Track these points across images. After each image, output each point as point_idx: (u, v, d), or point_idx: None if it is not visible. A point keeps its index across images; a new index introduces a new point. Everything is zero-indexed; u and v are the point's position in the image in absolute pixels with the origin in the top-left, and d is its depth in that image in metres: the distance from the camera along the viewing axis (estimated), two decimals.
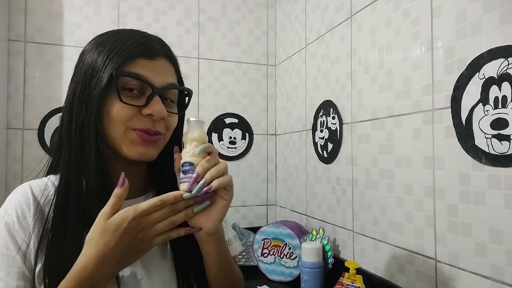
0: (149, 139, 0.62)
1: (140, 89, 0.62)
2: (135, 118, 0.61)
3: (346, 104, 1.23)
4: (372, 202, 1.09)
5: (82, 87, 0.61)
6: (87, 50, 0.65)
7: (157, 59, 0.65)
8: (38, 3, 1.49)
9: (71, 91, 0.64)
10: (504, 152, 0.71)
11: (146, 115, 0.61)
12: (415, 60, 0.94)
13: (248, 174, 1.78)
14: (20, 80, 1.45)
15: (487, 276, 0.75)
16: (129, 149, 0.62)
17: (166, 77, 0.65)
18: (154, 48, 0.65)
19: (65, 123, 0.64)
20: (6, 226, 0.60)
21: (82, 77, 0.62)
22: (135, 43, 0.62)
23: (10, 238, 0.60)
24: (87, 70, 0.62)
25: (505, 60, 0.71)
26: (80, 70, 0.63)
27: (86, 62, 0.63)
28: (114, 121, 0.60)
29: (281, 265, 1.36)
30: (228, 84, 1.77)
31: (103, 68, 0.60)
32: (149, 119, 0.62)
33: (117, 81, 0.59)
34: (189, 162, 0.59)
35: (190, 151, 0.60)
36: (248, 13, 1.82)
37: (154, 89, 0.62)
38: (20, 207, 0.62)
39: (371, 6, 1.11)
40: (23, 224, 0.61)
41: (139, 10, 1.63)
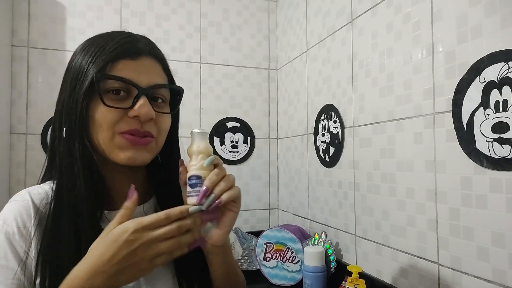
0: (138, 142, 0.59)
1: (126, 91, 0.60)
2: (121, 121, 0.59)
3: (347, 108, 1.23)
4: (374, 206, 1.09)
5: (69, 92, 0.60)
6: (74, 55, 0.64)
7: (141, 59, 0.62)
8: (41, 8, 1.50)
9: (59, 97, 0.63)
10: (506, 155, 0.71)
11: (133, 117, 0.58)
12: (416, 64, 0.94)
13: (250, 178, 1.79)
14: (24, 85, 1.46)
15: (489, 280, 0.74)
16: (117, 154, 0.59)
17: (152, 76, 0.62)
18: (137, 47, 0.62)
19: (55, 130, 0.63)
20: (6, 236, 0.58)
21: (69, 82, 0.61)
22: (117, 44, 0.61)
23: (10, 248, 0.57)
24: (72, 75, 0.60)
25: (505, 64, 0.71)
26: (67, 76, 0.62)
27: (72, 67, 0.62)
28: (100, 125, 0.58)
29: (283, 269, 1.36)
30: (230, 88, 1.77)
31: (86, 72, 0.58)
32: (137, 121, 0.59)
33: (98, 84, 0.57)
34: (196, 175, 0.58)
35: (196, 164, 0.59)
36: (250, 18, 1.83)
37: (140, 90, 0.59)
38: (20, 216, 0.59)
39: (372, 11, 1.11)
40: (24, 233, 0.59)
41: (141, 15, 1.64)
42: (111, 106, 0.58)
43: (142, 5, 1.65)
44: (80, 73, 0.59)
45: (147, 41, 0.67)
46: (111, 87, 0.59)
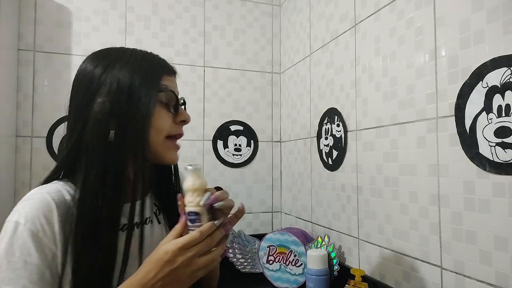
0: (178, 146, 0.73)
1: (167, 102, 0.70)
2: (172, 126, 0.70)
3: (350, 112, 1.24)
4: (377, 210, 1.10)
5: (118, 105, 0.65)
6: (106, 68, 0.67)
7: (173, 76, 0.75)
8: (48, 13, 1.52)
9: (101, 108, 0.65)
10: (508, 160, 0.71)
11: (179, 122, 0.71)
12: (419, 68, 0.95)
13: (253, 181, 1.79)
14: (29, 89, 1.48)
15: (492, 284, 0.75)
16: (168, 156, 0.71)
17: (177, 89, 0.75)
18: (170, 66, 0.75)
19: (91, 137, 0.65)
20: (30, 234, 0.60)
21: (117, 96, 0.65)
22: (159, 63, 0.73)
23: (34, 246, 0.59)
24: (121, 89, 0.66)
25: (508, 69, 0.72)
26: (109, 89, 0.66)
27: (115, 81, 0.66)
28: (160, 131, 0.68)
29: (286, 272, 1.36)
30: (233, 92, 1.78)
31: (143, 87, 0.66)
32: (180, 126, 0.72)
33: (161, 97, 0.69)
34: (194, 212, 0.62)
35: (193, 201, 0.62)
36: (254, 22, 1.84)
37: (183, 101, 0.73)
38: (43, 214, 0.61)
39: (375, 15, 1.12)
40: (48, 231, 0.61)
41: (146, 19, 1.66)
42: (173, 113, 0.70)
43: (147, 10, 1.66)
44: (133, 87, 0.66)
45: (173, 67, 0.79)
46: (167, 99, 0.70)
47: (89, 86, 0.67)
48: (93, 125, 0.65)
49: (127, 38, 1.62)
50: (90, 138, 0.65)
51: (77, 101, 0.68)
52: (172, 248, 0.58)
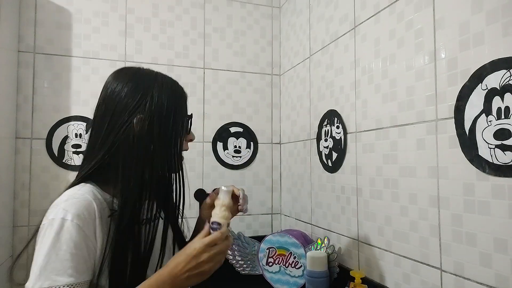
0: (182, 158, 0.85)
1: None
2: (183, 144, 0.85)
3: (350, 114, 1.24)
4: (376, 211, 1.10)
5: (156, 124, 0.76)
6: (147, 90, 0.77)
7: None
8: (48, 15, 1.52)
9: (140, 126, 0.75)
10: (508, 162, 0.71)
11: (189, 140, 0.87)
12: (418, 70, 0.95)
13: (253, 182, 1.79)
14: (29, 90, 1.48)
15: (492, 286, 0.75)
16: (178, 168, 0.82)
17: None
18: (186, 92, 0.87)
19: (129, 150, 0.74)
20: (77, 228, 0.67)
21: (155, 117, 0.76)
22: (183, 90, 0.85)
23: (80, 239, 0.68)
24: (157, 111, 0.76)
25: (507, 72, 0.72)
26: (148, 109, 0.75)
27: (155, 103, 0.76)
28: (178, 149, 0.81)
29: (286, 274, 1.36)
30: (233, 94, 1.78)
31: (176, 112, 0.79)
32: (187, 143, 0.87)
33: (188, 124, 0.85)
34: (217, 222, 0.76)
35: (219, 213, 0.77)
36: (253, 24, 1.84)
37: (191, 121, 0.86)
38: (88, 211, 0.70)
39: (375, 18, 1.12)
40: (91, 227, 0.70)
41: (146, 21, 1.66)
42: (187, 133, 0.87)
43: (147, 12, 1.67)
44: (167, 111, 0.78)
45: None
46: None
47: (127, 104, 0.75)
48: (130, 142, 0.74)
49: (127, 40, 1.62)
50: (126, 153, 0.74)
51: (111, 117, 0.75)
52: (199, 245, 0.71)
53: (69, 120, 1.52)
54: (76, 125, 1.53)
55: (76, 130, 1.53)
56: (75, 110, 1.53)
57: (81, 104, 1.54)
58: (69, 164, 1.50)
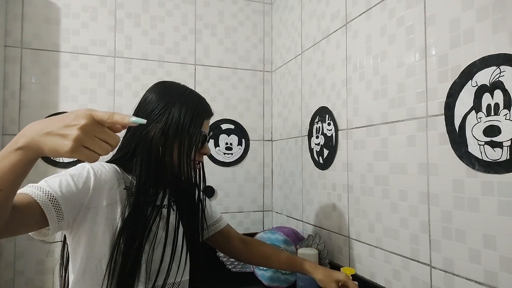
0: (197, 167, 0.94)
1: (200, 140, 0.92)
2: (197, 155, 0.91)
3: (341, 111, 1.24)
4: (367, 208, 1.10)
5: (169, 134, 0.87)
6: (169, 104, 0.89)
7: (210, 118, 0.96)
8: (35, 9, 1.49)
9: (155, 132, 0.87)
10: (497, 159, 0.71)
11: (203, 153, 0.94)
12: (409, 67, 0.95)
13: (245, 180, 1.79)
14: (16, 86, 1.45)
15: (481, 282, 0.75)
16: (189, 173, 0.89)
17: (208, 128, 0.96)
18: (211, 111, 0.96)
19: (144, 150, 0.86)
20: (91, 170, 0.80)
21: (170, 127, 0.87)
22: (204, 108, 0.93)
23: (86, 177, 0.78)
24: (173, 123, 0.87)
25: (497, 68, 0.72)
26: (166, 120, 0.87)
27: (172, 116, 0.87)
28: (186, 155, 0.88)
29: (277, 272, 1.36)
30: (225, 90, 1.77)
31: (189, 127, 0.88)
32: (202, 155, 0.94)
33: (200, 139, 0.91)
34: None
35: None
36: (245, 20, 1.83)
37: (207, 138, 0.94)
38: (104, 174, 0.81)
39: (366, 14, 1.12)
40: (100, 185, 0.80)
41: (136, 16, 1.64)
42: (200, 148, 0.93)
43: (137, 7, 1.65)
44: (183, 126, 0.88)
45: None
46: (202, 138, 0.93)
47: (152, 112, 0.88)
48: (147, 142, 0.86)
49: (117, 35, 1.60)
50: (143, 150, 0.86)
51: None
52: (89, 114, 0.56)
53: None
54: None
55: None
56: (63, 106, 1.51)
57: (70, 100, 1.52)
58: (57, 161, 1.48)
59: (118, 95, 1.59)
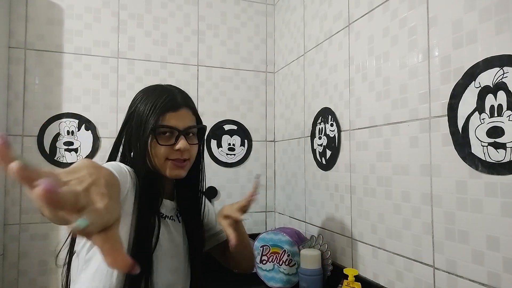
0: (181, 165, 0.90)
1: (171, 132, 0.89)
2: (170, 153, 0.88)
3: (344, 112, 1.24)
4: (370, 209, 1.10)
5: (135, 130, 0.88)
6: (137, 101, 0.92)
7: (180, 110, 0.90)
8: (39, 10, 1.50)
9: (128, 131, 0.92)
10: (500, 160, 0.71)
11: (176, 150, 0.88)
12: (412, 68, 0.95)
13: (247, 180, 1.79)
14: (20, 87, 1.46)
15: (484, 284, 0.75)
16: (169, 172, 0.89)
17: (187, 121, 0.91)
18: (177, 102, 0.90)
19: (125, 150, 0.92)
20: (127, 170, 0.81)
21: (134, 124, 0.89)
22: (164, 101, 0.88)
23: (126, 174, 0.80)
24: (137, 119, 0.88)
25: (500, 69, 0.72)
26: (133, 117, 0.90)
27: (136, 112, 0.89)
28: (157, 156, 0.88)
29: (280, 272, 1.36)
30: (227, 91, 1.78)
31: (147, 121, 0.86)
32: (179, 152, 0.88)
33: (155, 131, 0.86)
34: None
35: None
36: (248, 21, 1.83)
37: (179, 132, 0.88)
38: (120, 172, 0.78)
39: (369, 15, 1.12)
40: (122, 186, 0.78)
41: (139, 17, 1.65)
42: (162, 144, 0.87)
43: (140, 8, 1.65)
44: (143, 119, 0.87)
45: (183, 95, 0.94)
46: (163, 131, 0.88)
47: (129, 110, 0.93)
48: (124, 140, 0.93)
49: (120, 36, 1.61)
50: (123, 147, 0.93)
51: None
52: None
53: (61, 117, 1.50)
54: (68, 122, 1.51)
55: (68, 127, 1.51)
56: (67, 107, 1.51)
57: (73, 101, 1.52)
58: (61, 162, 1.49)
59: (121, 96, 1.59)
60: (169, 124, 0.88)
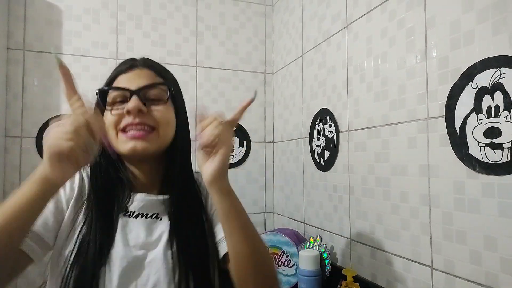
0: (136, 135, 0.71)
1: (124, 99, 0.73)
2: (120, 120, 0.72)
3: (342, 112, 1.24)
4: (368, 210, 1.10)
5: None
6: None
7: (134, 70, 0.76)
8: (38, 11, 1.50)
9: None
10: (497, 160, 0.71)
11: (127, 113, 0.71)
12: (410, 69, 0.95)
13: (246, 181, 1.79)
14: (19, 88, 1.46)
15: (482, 284, 0.75)
16: (122, 148, 0.72)
17: (142, 80, 0.74)
18: (133, 63, 0.78)
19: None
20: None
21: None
22: (120, 65, 0.78)
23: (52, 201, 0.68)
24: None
25: (497, 70, 0.72)
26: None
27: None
28: (108, 128, 0.72)
29: (278, 273, 1.36)
30: (226, 92, 1.78)
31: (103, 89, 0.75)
32: (131, 117, 0.71)
33: (98, 96, 0.73)
34: None
35: None
36: (246, 22, 1.84)
37: (130, 93, 0.72)
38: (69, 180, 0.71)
39: (367, 16, 1.12)
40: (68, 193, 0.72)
41: (138, 18, 1.65)
42: (109, 109, 0.73)
43: (138, 9, 1.65)
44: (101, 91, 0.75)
45: (144, 58, 0.81)
46: (113, 97, 0.73)
47: None
48: None
49: (119, 37, 1.61)
50: None
51: None
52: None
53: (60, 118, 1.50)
54: None
55: None
56: (66, 108, 1.51)
57: None
58: None
59: None
60: (117, 85, 0.74)
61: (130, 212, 0.74)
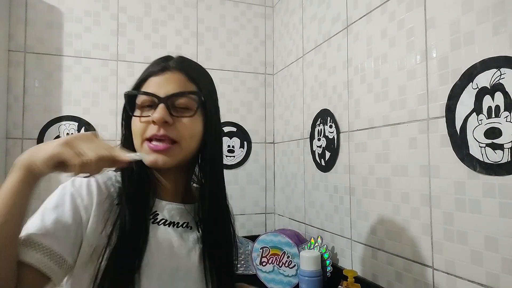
0: (158, 147, 0.68)
1: (152, 103, 0.69)
2: (147, 129, 0.68)
3: (343, 113, 1.24)
4: (369, 210, 1.10)
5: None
6: None
7: (166, 74, 0.71)
8: (38, 13, 1.51)
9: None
10: (498, 161, 0.72)
11: (152, 123, 0.68)
12: (410, 70, 0.95)
13: (247, 182, 1.79)
14: (20, 90, 1.46)
15: (483, 284, 0.75)
16: (145, 158, 0.68)
17: (172, 87, 0.69)
18: (165, 65, 0.72)
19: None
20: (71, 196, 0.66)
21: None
22: (153, 65, 0.74)
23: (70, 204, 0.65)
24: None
25: (497, 71, 0.72)
26: None
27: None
28: (134, 135, 0.71)
29: (279, 274, 1.36)
30: (226, 93, 1.78)
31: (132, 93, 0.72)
32: (156, 127, 0.67)
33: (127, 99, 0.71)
34: None
35: None
36: (247, 23, 1.84)
37: (158, 100, 0.68)
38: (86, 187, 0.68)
39: (367, 17, 1.12)
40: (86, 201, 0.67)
41: (139, 20, 1.65)
42: (136, 115, 0.70)
43: (139, 11, 1.66)
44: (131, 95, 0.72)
45: (179, 59, 0.76)
46: (142, 101, 0.70)
47: None
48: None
49: (119, 39, 1.61)
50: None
51: None
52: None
53: (61, 120, 1.51)
54: (68, 125, 1.51)
55: (68, 130, 1.51)
56: (66, 110, 1.52)
57: (73, 104, 1.53)
58: None
59: (120, 99, 1.58)
60: (147, 90, 0.70)
61: (160, 219, 0.73)
